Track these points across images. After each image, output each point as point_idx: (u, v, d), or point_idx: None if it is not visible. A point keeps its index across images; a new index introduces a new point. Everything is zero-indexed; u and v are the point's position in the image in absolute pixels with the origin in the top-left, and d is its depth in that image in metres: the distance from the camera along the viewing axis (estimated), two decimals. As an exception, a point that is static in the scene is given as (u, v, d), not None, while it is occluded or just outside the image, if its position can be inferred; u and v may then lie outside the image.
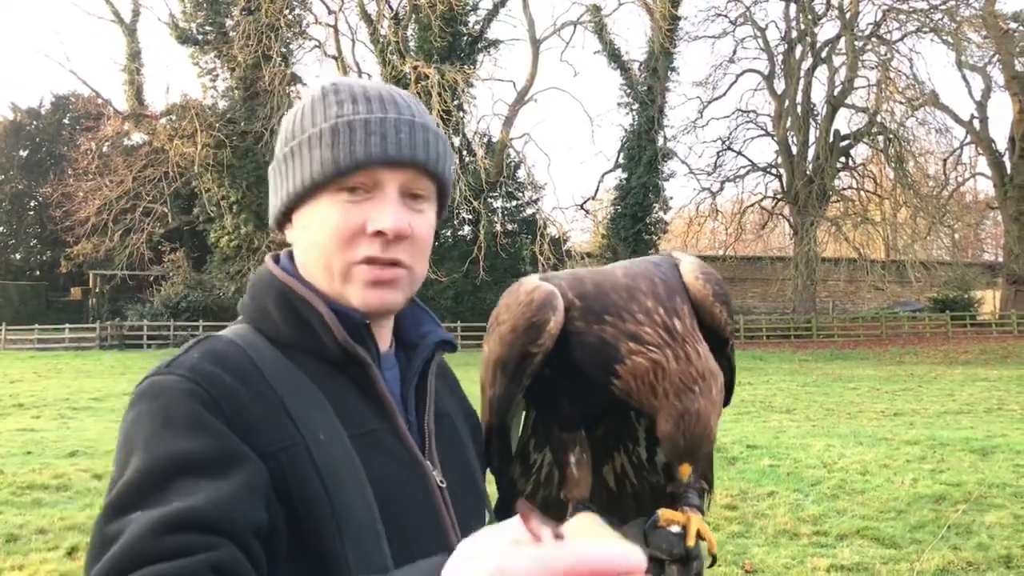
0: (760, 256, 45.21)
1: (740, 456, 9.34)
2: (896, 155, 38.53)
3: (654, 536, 1.26)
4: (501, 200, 36.36)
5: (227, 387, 1.04)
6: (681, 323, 1.27)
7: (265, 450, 1.01)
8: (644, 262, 1.38)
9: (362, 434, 1.10)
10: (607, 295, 1.29)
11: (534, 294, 1.31)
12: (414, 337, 1.27)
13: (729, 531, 6.51)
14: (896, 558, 5.79)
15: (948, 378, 20.91)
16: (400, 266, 1.14)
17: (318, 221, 1.14)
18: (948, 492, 7.49)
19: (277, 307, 1.15)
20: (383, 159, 1.11)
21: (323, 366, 1.13)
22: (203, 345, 1.11)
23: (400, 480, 1.12)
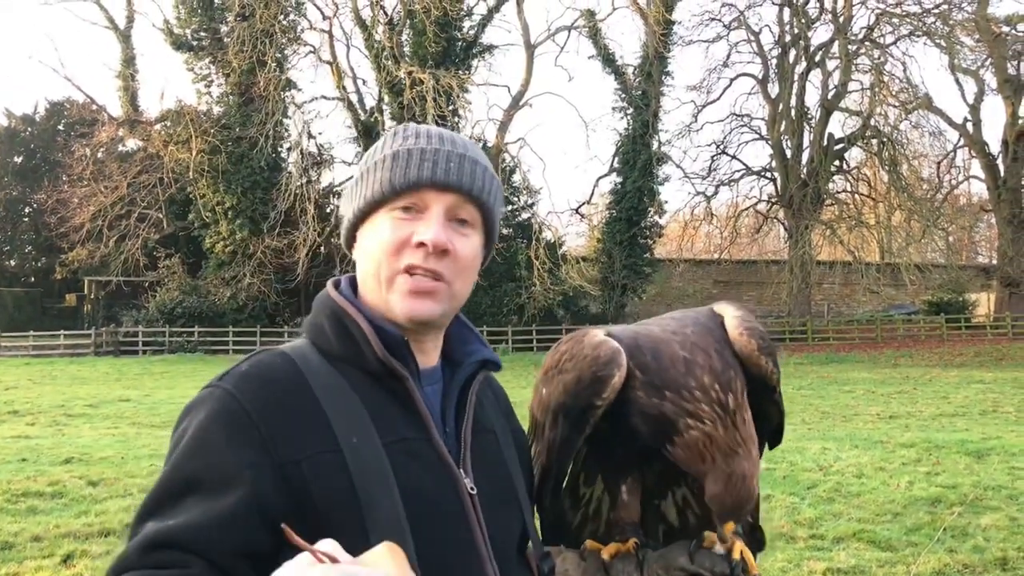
0: (755, 260, 45.27)
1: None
2: (890, 158, 38.63)
3: (699, 555, 1.40)
4: (496, 205, 36.29)
5: (265, 403, 1.16)
6: (734, 398, 1.38)
7: (289, 459, 1.13)
8: (697, 326, 1.46)
9: (395, 441, 1.19)
10: (667, 371, 1.40)
11: (600, 349, 1.42)
12: (460, 355, 1.37)
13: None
14: (892, 561, 5.80)
15: (943, 380, 20.96)
16: (440, 279, 1.26)
17: (373, 234, 1.28)
18: (944, 495, 7.50)
19: (329, 323, 1.28)
20: (431, 182, 1.26)
21: (366, 378, 1.24)
22: (255, 358, 1.25)
23: (429, 485, 1.20)
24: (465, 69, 34.02)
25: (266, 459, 1.12)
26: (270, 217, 32.51)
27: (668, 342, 1.42)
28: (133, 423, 13.72)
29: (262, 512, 1.10)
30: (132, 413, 14.99)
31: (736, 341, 1.44)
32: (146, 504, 1.12)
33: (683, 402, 1.37)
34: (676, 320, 1.48)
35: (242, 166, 33.38)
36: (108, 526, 6.57)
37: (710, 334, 1.44)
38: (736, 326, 1.45)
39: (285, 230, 32.43)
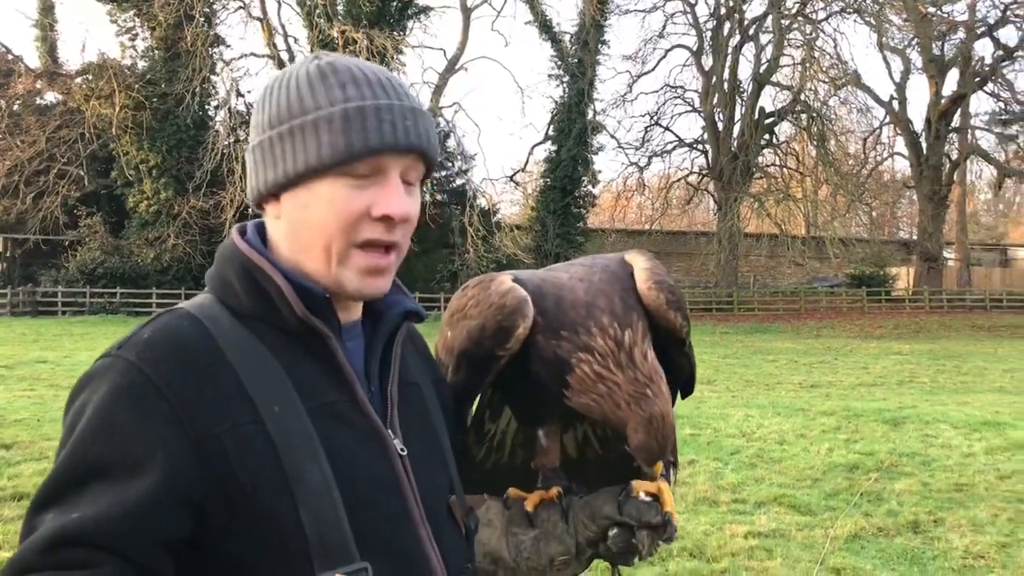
0: (685, 231, 45.89)
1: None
2: (818, 133, 39.39)
3: (627, 505, 1.36)
4: (431, 170, 36.01)
5: (174, 373, 1.05)
6: (631, 335, 1.33)
7: (206, 434, 1.03)
8: (605, 272, 1.43)
9: (320, 406, 1.11)
10: (566, 314, 1.36)
11: (507, 298, 1.37)
12: (380, 307, 1.27)
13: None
14: (811, 524, 5.95)
15: (863, 351, 21.59)
16: (394, 251, 1.18)
17: (321, 203, 1.14)
18: (861, 461, 7.73)
19: (239, 279, 1.16)
20: (393, 147, 1.14)
21: (283, 338, 1.14)
22: (158, 322, 1.13)
23: (358, 450, 1.13)
24: (400, 30, 33.49)
25: (180, 436, 1.02)
26: (196, 177, 31.66)
27: (572, 288, 1.39)
28: (51, 385, 13.27)
29: (180, 496, 1.01)
30: (50, 375, 14.50)
31: (645, 295, 1.40)
32: (43, 494, 1.00)
33: (577, 338, 1.33)
34: (585, 267, 1.44)
35: (167, 123, 32.43)
36: (22, 490, 6.36)
37: (617, 282, 1.40)
38: (645, 279, 1.41)
39: (212, 190, 31.63)
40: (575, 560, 1.38)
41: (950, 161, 41.38)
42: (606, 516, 1.35)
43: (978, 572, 5.09)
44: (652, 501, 1.35)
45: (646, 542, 1.34)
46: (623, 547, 1.34)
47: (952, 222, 47.04)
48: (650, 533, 1.34)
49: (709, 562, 5.19)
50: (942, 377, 15.72)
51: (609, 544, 1.34)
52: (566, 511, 1.40)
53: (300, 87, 1.17)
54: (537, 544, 1.38)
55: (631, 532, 1.33)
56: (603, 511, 1.35)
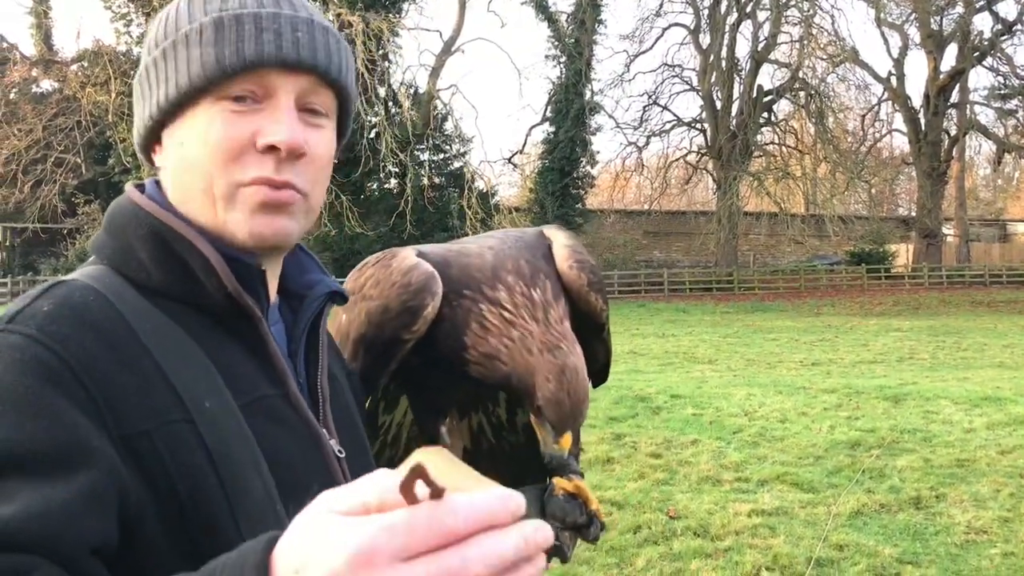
0: (684, 211, 45.76)
1: (664, 405, 9.52)
2: (817, 111, 39.24)
3: (551, 504, 1.26)
4: (428, 153, 35.90)
5: (87, 352, 0.85)
6: (542, 295, 1.23)
7: (133, 430, 0.84)
8: (518, 242, 1.33)
9: (252, 401, 0.94)
10: (472, 276, 1.24)
11: (412, 275, 1.23)
12: (299, 287, 1.11)
13: (654, 478, 6.64)
14: (814, 502, 5.99)
15: (863, 329, 21.62)
16: (294, 189, 0.98)
17: (196, 135, 0.96)
18: (863, 438, 7.76)
19: (146, 247, 0.96)
20: (277, 60, 0.95)
21: (203, 319, 0.96)
22: (55, 293, 0.90)
23: (295, 453, 0.97)
24: (395, 12, 33.28)
25: (102, 429, 0.82)
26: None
27: (481, 255, 1.27)
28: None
29: (111, 499, 0.80)
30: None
31: (565, 274, 1.29)
32: None
33: (480, 295, 1.21)
34: (497, 238, 1.33)
35: (164, 110, 32.30)
36: None
37: (529, 250, 1.30)
38: (566, 256, 1.30)
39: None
40: None
41: (949, 137, 41.25)
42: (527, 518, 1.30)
43: (980, 547, 5.13)
44: (573, 500, 1.26)
45: (570, 543, 1.26)
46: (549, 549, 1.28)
47: (951, 198, 46.98)
48: (573, 534, 1.26)
49: (713, 540, 5.24)
50: (942, 353, 15.75)
51: None
52: None
53: (180, 5, 1.00)
54: None
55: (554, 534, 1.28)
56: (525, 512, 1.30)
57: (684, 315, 27.32)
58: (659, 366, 13.99)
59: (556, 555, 1.26)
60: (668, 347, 17.08)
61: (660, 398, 9.90)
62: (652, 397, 9.92)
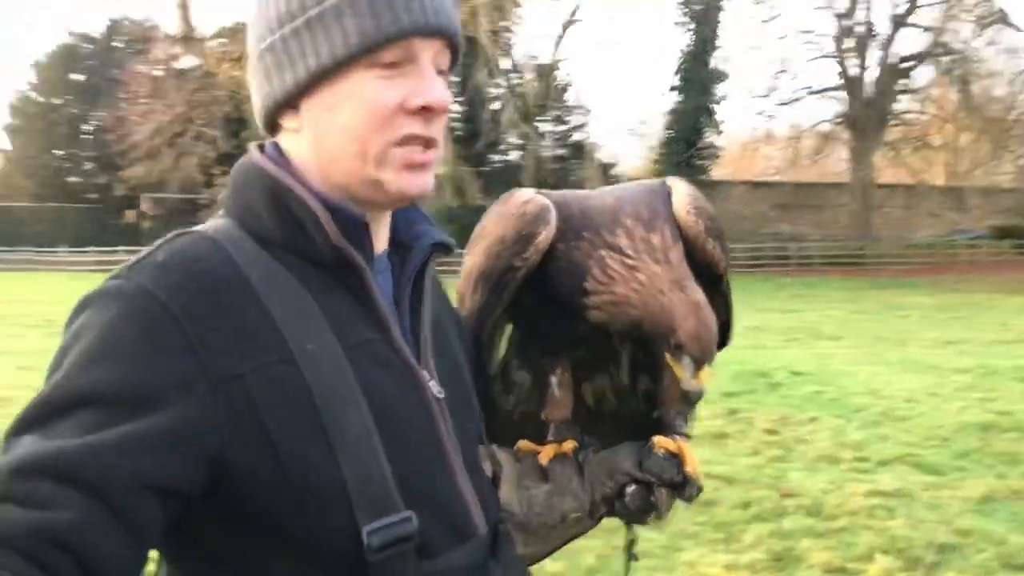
0: (815, 182, 44.16)
1: (784, 382, 9.27)
2: (961, 76, 37.06)
3: (649, 460, 1.29)
4: (550, 124, 35.87)
5: (192, 300, 0.93)
6: (660, 239, 1.25)
7: (229, 373, 0.92)
8: (638, 188, 1.36)
9: (356, 345, 1.01)
10: (591, 218, 1.27)
11: (527, 206, 1.28)
12: (407, 238, 1.17)
13: (768, 455, 6.48)
14: (938, 484, 5.72)
15: (1004, 307, 20.41)
16: (433, 148, 1.07)
17: (351, 101, 1.03)
18: (996, 421, 7.34)
19: (265, 204, 1.04)
20: (427, 28, 1.03)
21: (314, 270, 1.03)
22: (175, 244, 1.00)
23: (396, 393, 1.04)
24: (519, -17, 33.21)
25: (199, 373, 0.90)
26: (323, 135, 32.51)
27: (601, 197, 1.31)
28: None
29: (192, 443, 0.89)
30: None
31: (682, 219, 1.30)
32: (25, 416, 0.87)
33: (600, 238, 1.24)
34: (620, 187, 1.37)
35: (295, 84, 33.36)
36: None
37: (650, 196, 1.32)
38: (685, 203, 1.31)
39: (338, 148, 32.48)
40: (587, 517, 1.33)
41: (1108, 103, 38.30)
42: (625, 472, 1.29)
43: (1121, 539, 4.79)
44: (672, 459, 1.28)
45: (665, 501, 1.28)
46: (641, 504, 1.28)
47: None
48: (669, 492, 1.28)
49: (826, 520, 5.06)
50: (1092, 334, 14.73)
51: (627, 501, 1.28)
52: (581, 466, 1.33)
53: None
54: (550, 499, 1.32)
55: (649, 490, 1.27)
56: (622, 467, 1.29)
57: (811, 290, 26.42)
58: (782, 342, 13.59)
59: (650, 510, 1.29)
60: (792, 322, 16.57)
61: (780, 374, 9.64)
62: (772, 373, 9.67)
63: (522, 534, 1.31)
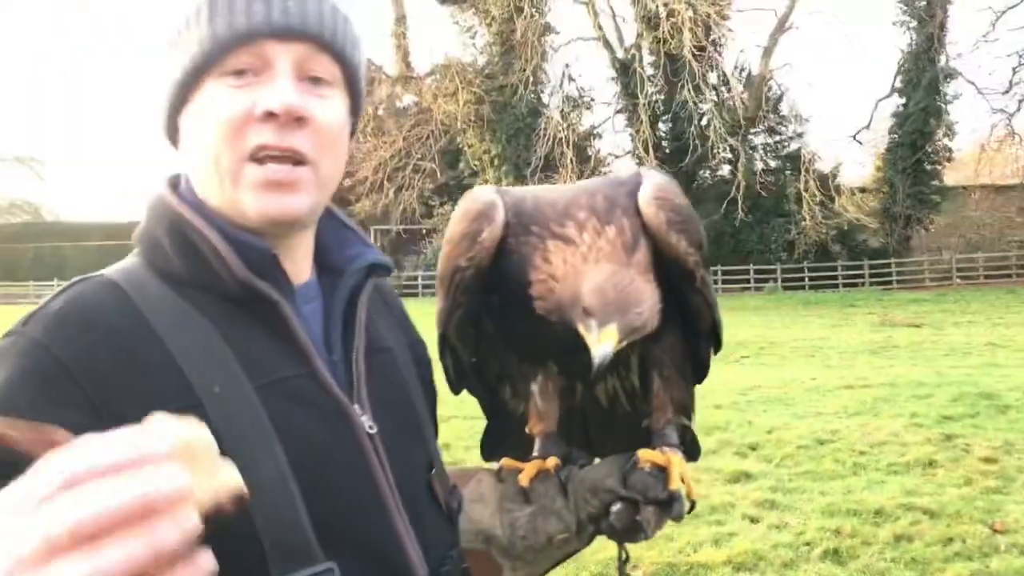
0: (1068, 182, 39.82)
1: (1014, 405, 8.36)
2: None
3: (632, 476, 1.21)
4: (762, 136, 34.73)
5: (88, 351, 0.89)
6: (616, 231, 1.17)
7: (131, 419, 0.82)
8: (604, 180, 1.29)
9: (271, 383, 0.95)
10: (542, 210, 1.21)
11: (472, 204, 1.25)
12: (339, 261, 1.11)
13: (983, 486, 5.88)
14: None
15: None
16: (300, 161, 0.99)
17: (201, 114, 0.99)
18: None
19: (169, 238, 1.00)
20: (268, 27, 0.97)
21: (225, 305, 0.98)
22: (72, 292, 0.96)
23: (319, 432, 0.97)
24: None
25: (95, 424, 0.77)
26: (532, 162, 33.18)
27: (559, 190, 1.25)
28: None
29: None
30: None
31: (643, 212, 1.21)
32: None
33: (547, 231, 1.18)
34: (587, 181, 1.30)
35: (505, 114, 34.25)
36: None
37: (613, 186, 1.24)
38: (648, 195, 1.22)
39: (546, 174, 32.92)
40: (575, 537, 1.25)
41: None
42: (608, 490, 1.21)
43: None
44: (658, 473, 1.20)
45: (652, 519, 1.20)
46: (627, 524, 1.20)
47: None
48: (656, 510, 1.19)
49: (1043, 561, 4.50)
50: None
51: (612, 521, 1.20)
52: (564, 484, 1.26)
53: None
54: (534, 521, 1.25)
55: (636, 508, 1.19)
56: (605, 484, 1.21)
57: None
58: (1018, 362, 12.31)
59: (635, 531, 1.22)
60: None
61: (1011, 396, 8.72)
62: (1001, 395, 8.77)
63: (508, 559, 1.26)
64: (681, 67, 30.23)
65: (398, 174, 36.11)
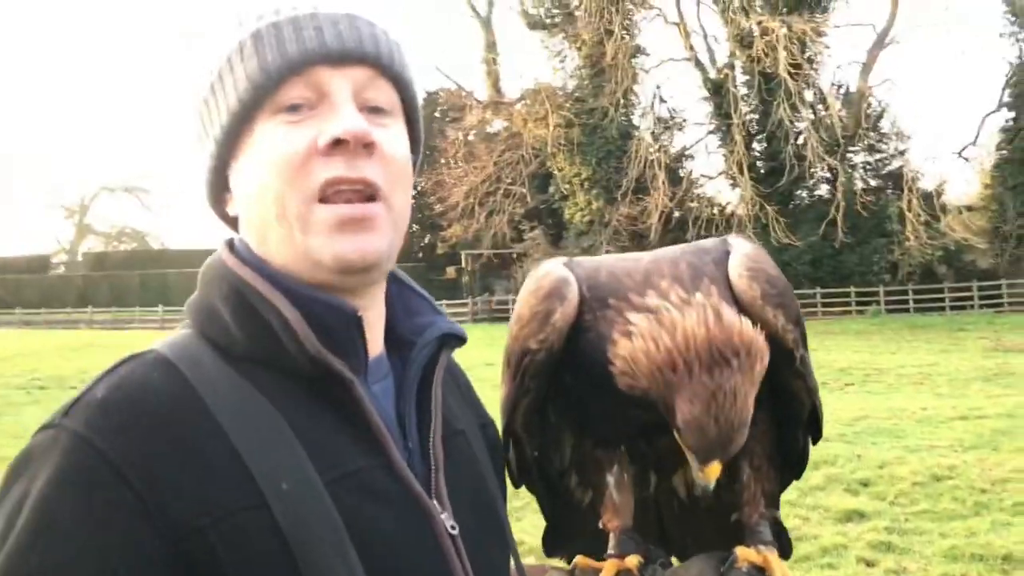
0: None
1: None
2: None
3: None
4: (862, 154, 33.72)
5: (138, 446, 0.79)
6: (705, 297, 1.02)
7: (187, 528, 0.77)
8: (686, 248, 1.16)
9: (343, 476, 0.85)
10: (619, 281, 1.09)
11: (543, 281, 1.14)
12: (408, 332, 0.99)
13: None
14: None
15: None
16: (374, 196, 0.89)
17: (259, 159, 0.88)
18: None
19: (228, 306, 0.89)
20: (322, 53, 0.88)
21: (291, 384, 0.87)
22: (116, 375, 0.85)
23: (396, 532, 0.87)
24: (821, 11, 31.76)
25: (150, 533, 0.76)
26: (623, 185, 32.95)
27: (637, 259, 1.12)
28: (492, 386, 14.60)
29: None
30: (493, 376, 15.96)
31: (735, 283, 1.08)
32: None
33: (627, 303, 1.04)
34: (666, 249, 1.16)
35: (595, 137, 34.15)
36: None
37: (698, 256, 1.11)
38: (738, 264, 1.09)
39: (637, 197, 32.72)
40: None
41: None
42: None
43: None
44: (757, 574, 1.07)
45: None
46: None
47: None
48: None
49: None
50: None
51: None
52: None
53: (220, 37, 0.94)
54: None
55: None
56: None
57: None
58: None
59: None
60: None
61: None
62: None
63: None
64: (776, 85, 29.62)
65: (489, 199, 36.36)
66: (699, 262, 1.10)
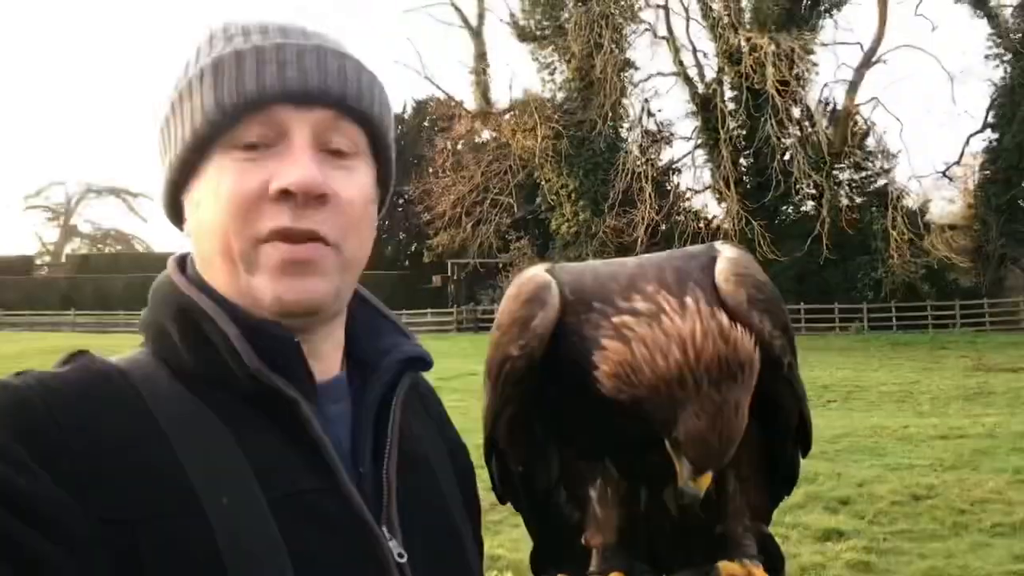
0: None
1: None
2: None
3: None
4: (848, 172, 33.94)
5: (83, 417, 0.78)
6: (694, 300, 0.99)
7: (118, 514, 0.75)
8: (673, 253, 1.14)
9: (287, 496, 0.83)
10: (604, 285, 1.05)
11: (523, 286, 1.09)
12: (371, 354, 0.98)
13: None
14: None
15: None
16: (320, 241, 0.86)
17: (209, 192, 0.87)
18: None
19: (176, 326, 0.88)
20: (283, 93, 0.85)
21: (239, 404, 0.85)
22: (80, 362, 0.85)
23: (338, 556, 0.84)
24: (810, 29, 32.00)
25: (78, 500, 0.74)
26: (610, 197, 33.03)
27: (623, 263, 1.09)
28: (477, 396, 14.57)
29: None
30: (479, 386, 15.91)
31: (720, 288, 1.04)
32: None
33: (613, 306, 1.01)
34: (653, 255, 1.13)
35: (583, 149, 34.23)
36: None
37: (685, 260, 1.08)
38: (725, 269, 1.05)
39: (624, 209, 32.79)
40: None
41: None
42: None
43: None
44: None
45: None
46: None
47: None
48: None
49: None
50: None
51: None
52: None
53: (187, 57, 0.91)
54: None
55: None
56: None
57: None
58: None
59: None
60: None
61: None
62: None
63: None
64: (764, 102, 29.79)
65: (476, 208, 36.34)
66: (686, 267, 1.08)
